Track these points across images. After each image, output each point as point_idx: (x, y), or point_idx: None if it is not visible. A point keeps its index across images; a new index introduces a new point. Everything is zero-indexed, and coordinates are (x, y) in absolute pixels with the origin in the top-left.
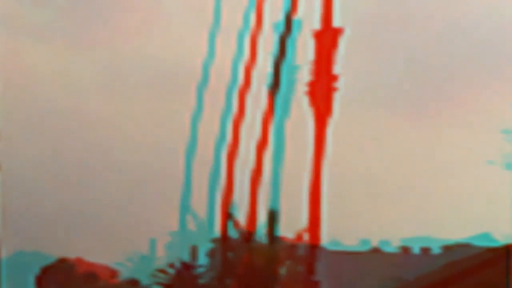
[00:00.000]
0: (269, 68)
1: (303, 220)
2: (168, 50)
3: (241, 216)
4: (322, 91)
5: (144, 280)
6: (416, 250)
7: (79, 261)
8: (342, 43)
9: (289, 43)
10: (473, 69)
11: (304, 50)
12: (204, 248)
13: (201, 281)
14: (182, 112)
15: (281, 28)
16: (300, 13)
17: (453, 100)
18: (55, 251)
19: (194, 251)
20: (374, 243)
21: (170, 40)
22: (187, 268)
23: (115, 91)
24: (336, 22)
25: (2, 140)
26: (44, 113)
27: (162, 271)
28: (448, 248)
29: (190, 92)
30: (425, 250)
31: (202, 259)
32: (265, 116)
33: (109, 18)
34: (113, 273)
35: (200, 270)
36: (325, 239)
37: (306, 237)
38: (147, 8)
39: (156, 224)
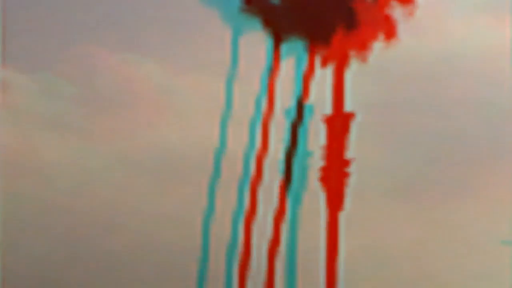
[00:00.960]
0: (281, 155)
1: None
2: (179, 139)
3: None
4: (334, 176)
5: None
6: None
7: None
8: (354, 128)
9: (301, 128)
10: (484, 151)
11: (316, 136)
12: None
13: None
14: (193, 202)
15: (293, 114)
16: (311, 99)
17: (467, 181)
18: None
19: None
20: None
21: (182, 129)
22: None
23: (127, 182)
24: (347, 107)
25: (7, 233)
26: (55, 204)
27: None
28: None
29: (202, 182)
30: None
31: None
32: (279, 206)
33: (120, 108)
34: None
35: None
36: None
37: None
38: (158, 97)
39: None
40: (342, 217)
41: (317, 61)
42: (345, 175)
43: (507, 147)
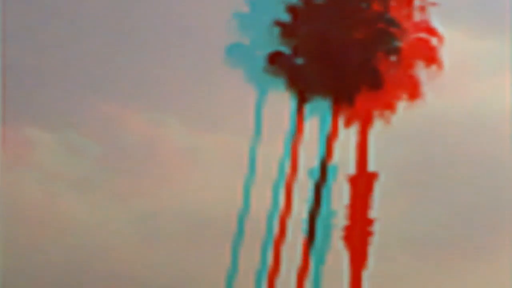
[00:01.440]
0: (304, 215)
1: None
2: (203, 200)
3: None
4: (358, 235)
5: None
6: None
7: None
8: (377, 187)
9: (324, 188)
10: (504, 214)
11: (339, 195)
12: None
13: None
14: (217, 264)
15: (316, 174)
16: (335, 159)
17: (490, 242)
18: None
19: None
20: None
21: (205, 190)
22: None
23: (151, 243)
24: (371, 167)
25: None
26: (78, 262)
27: None
28: None
29: (225, 243)
30: None
31: None
32: (302, 265)
33: (144, 168)
34: None
35: None
36: None
37: None
38: (182, 157)
39: None
40: (366, 276)
41: (341, 121)
42: (369, 234)
43: None
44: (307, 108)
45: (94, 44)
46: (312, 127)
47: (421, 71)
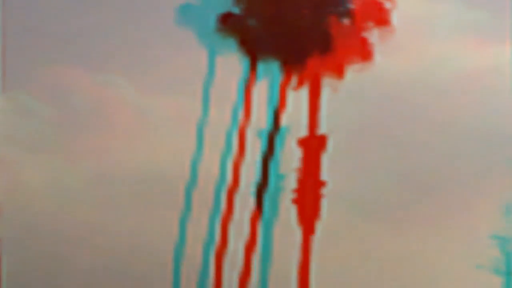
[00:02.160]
0: (254, 176)
1: None
2: (155, 160)
3: None
4: (308, 198)
5: None
6: None
7: None
8: (328, 150)
9: (275, 150)
10: (461, 172)
11: (290, 158)
12: None
13: None
14: (171, 215)
15: (266, 135)
16: (285, 121)
17: (440, 206)
18: None
19: None
20: None
21: (157, 150)
22: None
23: (101, 201)
24: (322, 130)
25: None
26: (32, 225)
27: None
28: None
29: (178, 194)
30: None
31: None
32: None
33: (95, 129)
34: None
35: None
36: None
37: None
38: (133, 118)
39: None
40: (315, 238)
41: (292, 83)
42: (319, 196)
43: (479, 170)
44: (259, 69)
45: (44, 4)
46: (262, 89)
47: (373, 34)
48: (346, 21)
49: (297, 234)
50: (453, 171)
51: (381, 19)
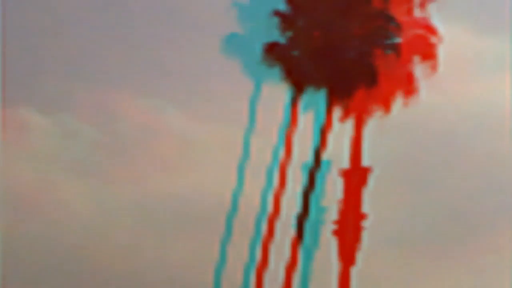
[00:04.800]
0: (297, 208)
1: None
2: (196, 187)
3: None
4: (349, 231)
5: None
6: None
7: None
8: (371, 182)
9: (317, 182)
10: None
11: (332, 190)
12: None
13: None
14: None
15: (310, 168)
16: (329, 153)
17: (483, 244)
18: None
19: None
20: None
21: (199, 177)
22: None
23: (143, 228)
24: (364, 162)
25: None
26: (69, 244)
27: None
28: None
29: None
30: None
31: None
32: (291, 259)
33: (139, 153)
34: None
35: None
36: None
37: None
38: (177, 144)
39: None
40: (354, 271)
41: (336, 115)
42: (360, 229)
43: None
44: (302, 100)
45: (94, 30)
46: (307, 120)
47: (418, 68)
48: (392, 54)
49: (336, 266)
50: (498, 208)
51: (427, 53)
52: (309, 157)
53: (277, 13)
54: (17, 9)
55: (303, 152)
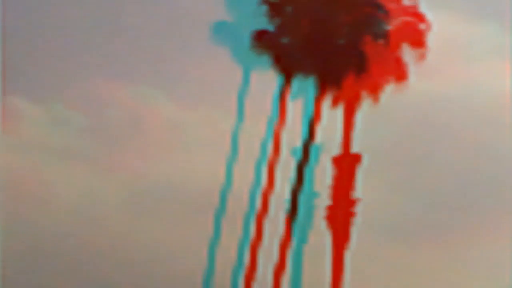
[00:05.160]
0: (287, 195)
1: None
2: (186, 173)
3: None
4: (340, 215)
5: None
6: None
7: None
8: (361, 169)
9: (307, 169)
10: (490, 198)
11: (323, 176)
12: None
13: None
14: (200, 238)
15: (299, 153)
16: (319, 139)
17: (468, 227)
18: None
19: None
20: None
21: (189, 164)
22: None
23: (133, 215)
24: (355, 148)
25: (9, 261)
26: (60, 232)
27: None
28: None
29: (208, 217)
30: None
31: None
32: (283, 242)
33: (129, 141)
34: None
35: None
36: None
37: None
38: (167, 131)
39: None
40: (347, 256)
41: (326, 102)
42: (351, 214)
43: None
44: (292, 87)
45: (81, 18)
46: (297, 107)
47: (408, 55)
48: (381, 42)
49: (328, 253)
50: (490, 192)
51: (416, 40)
52: (299, 144)
53: (265, 1)
54: (13, 2)
55: (293, 139)
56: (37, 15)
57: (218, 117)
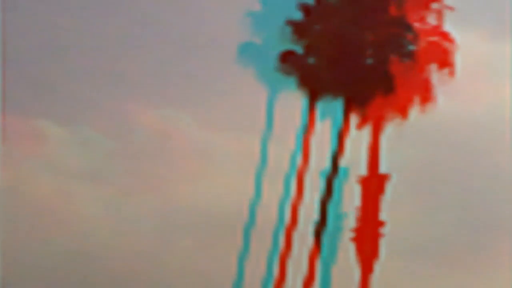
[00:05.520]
0: (315, 215)
1: None
2: (214, 196)
3: None
4: (367, 238)
5: None
6: None
7: None
8: (389, 189)
9: (335, 189)
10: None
11: (350, 197)
12: None
13: None
14: (229, 255)
15: (328, 174)
16: (346, 160)
17: (502, 251)
18: None
19: None
20: None
21: (217, 187)
22: None
23: (164, 236)
24: (382, 169)
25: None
26: (88, 255)
27: None
28: None
29: (237, 235)
30: None
31: None
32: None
33: (157, 164)
34: None
35: None
36: None
37: None
38: (194, 154)
39: None
40: (374, 278)
41: (353, 123)
42: (378, 236)
43: None
44: (318, 108)
45: (110, 40)
46: (324, 128)
47: (434, 75)
48: (408, 62)
49: (356, 272)
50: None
51: (443, 61)
52: (326, 165)
53: (290, 21)
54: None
55: (321, 160)
56: (67, 34)
57: (246, 140)
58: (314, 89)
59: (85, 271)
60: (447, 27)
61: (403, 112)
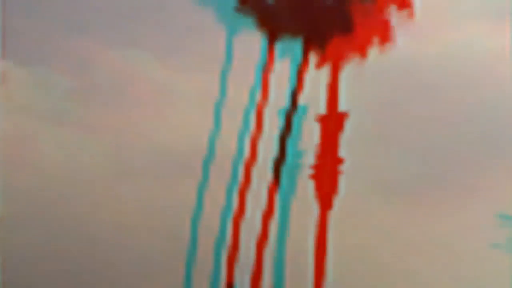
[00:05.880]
0: (274, 151)
1: None
2: (173, 136)
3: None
4: (326, 174)
5: None
6: None
7: None
8: (347, 127)
9: (294, 127)
10: (477, 155)
11: (309, 134)
12: None
13: None
14: (189, 188)
15: (287, 112)
16: (305, 98)
17: (458, 185)
18: None
19: None
20: None
21: (176, 127)
22: None
23: (122, 173)
24: (341, 107)
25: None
26: (48, 196)
27: None
28: None
29: (196, 169)
30: None
31: None
32: (268, 204)
33: (116, 103)
34: None
35: None
36: None
37: None
38: (154, 93)
39: None
40: (332, 215)
41: (312, 62)
42: (338, 173)
43: (501, 152)
44: (278, 48)
45: None
46: (283, 67)
47: (394, 17)
48: (367, 4)
49: (314, 208)
50: (471, 149)
51: (403, 1)
52: (285, 103)
53: None
54: None
55: (279, 99)
56: None
57: (204, 79)
58: (273, 29)
59: (42, 211)
60: None
61: (362, 51)
